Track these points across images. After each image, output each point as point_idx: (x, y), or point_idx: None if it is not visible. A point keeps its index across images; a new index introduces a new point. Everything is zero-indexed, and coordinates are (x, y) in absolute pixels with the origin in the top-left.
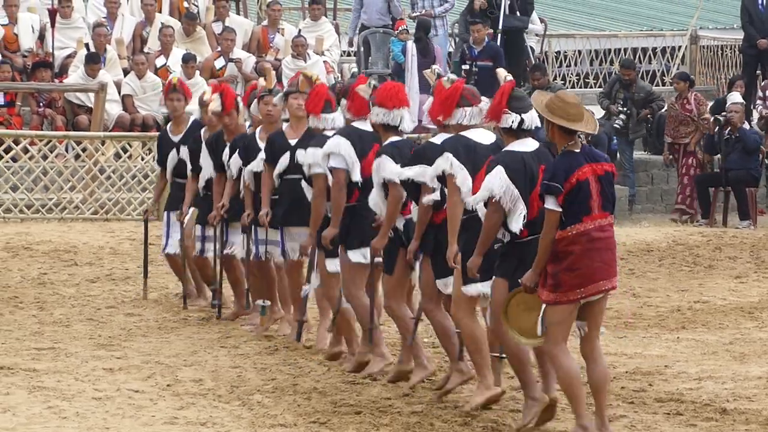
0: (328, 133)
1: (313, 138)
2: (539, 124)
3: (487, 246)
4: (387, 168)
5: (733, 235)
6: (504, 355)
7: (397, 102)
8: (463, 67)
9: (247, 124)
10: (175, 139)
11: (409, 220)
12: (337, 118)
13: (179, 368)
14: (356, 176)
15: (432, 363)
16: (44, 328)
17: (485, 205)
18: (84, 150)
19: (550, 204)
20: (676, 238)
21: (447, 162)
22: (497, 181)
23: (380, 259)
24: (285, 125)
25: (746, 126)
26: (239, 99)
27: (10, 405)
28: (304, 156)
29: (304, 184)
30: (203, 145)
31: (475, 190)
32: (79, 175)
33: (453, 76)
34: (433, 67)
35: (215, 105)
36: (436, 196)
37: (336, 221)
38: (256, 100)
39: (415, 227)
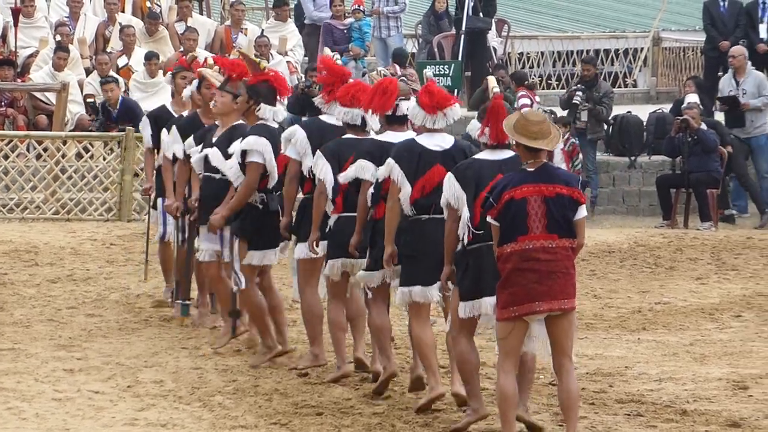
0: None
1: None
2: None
3: (451, 252)
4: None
5: (694, 237)
6: None
7: (356, 101)
8: None
9: None
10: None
11: (339, 217)
12: (279, 111)
13: (140, 369)
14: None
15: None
16: (4, 329)
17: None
18: (45, 150)
19: (489, 218)
20: (637, 240)
21: (388, 168)
22: (447, 187)
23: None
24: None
25: (704, 126)
26: None
27: None
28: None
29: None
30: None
31: (415, 191)
32: (40, 175)
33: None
34: (380, 69)
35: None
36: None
37: (288, 212)
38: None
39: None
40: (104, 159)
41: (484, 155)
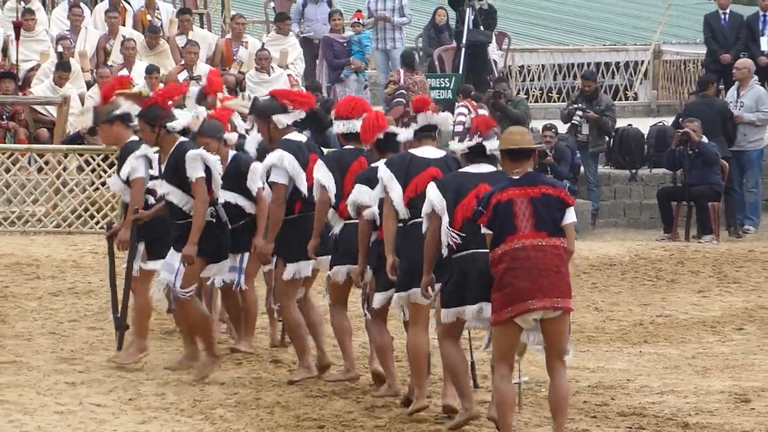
0: None
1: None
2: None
3: (432, 261)
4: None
5: (696, 250)
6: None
7: (355, 112)
8: None
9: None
10: None
11: (345, 224)
12: (183, 116)
13: (142, 382)
14: (303, 188)
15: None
16: (6, 342)
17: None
18: (47, 163)
19: (482, 228)
20: (638, 253)
21: (382, 177)
22: (430, 194)
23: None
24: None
25: (704, 139)
26: None
27: None
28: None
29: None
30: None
31: (409, 191)
32: (41, 188)
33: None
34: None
35: None
36: (375, 210)
37: (272, 236)
38: None
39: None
40: (105, 172)
41: (466, 169)
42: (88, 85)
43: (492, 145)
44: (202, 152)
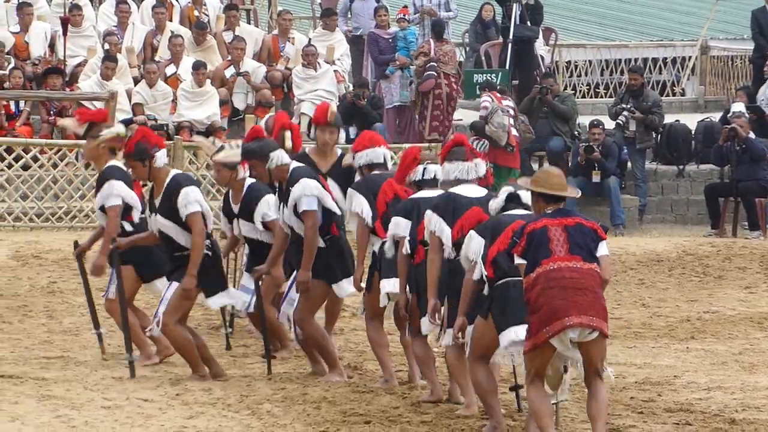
0: None
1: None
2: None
3: (466, 307)
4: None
5: (743, 246)
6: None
7: (374, 142)
8: None
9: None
10: None
11: (383, 243)
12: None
13: (189, 377)
14: (332, 207)
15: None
16: (53, 337)
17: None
18: None
19: (516, 258)
20: (685, 248)
21: (427, 220)
22: (469, 242)
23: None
24: None
25: (752, 135)
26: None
27: (19, 414)
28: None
29: None
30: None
31: (454, 232)
32: (89, 184)
33: None
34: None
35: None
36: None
37: (310, 264)
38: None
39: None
40: None
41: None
42: (135, 81)
43: (526, 196)
44: (197, 189)
